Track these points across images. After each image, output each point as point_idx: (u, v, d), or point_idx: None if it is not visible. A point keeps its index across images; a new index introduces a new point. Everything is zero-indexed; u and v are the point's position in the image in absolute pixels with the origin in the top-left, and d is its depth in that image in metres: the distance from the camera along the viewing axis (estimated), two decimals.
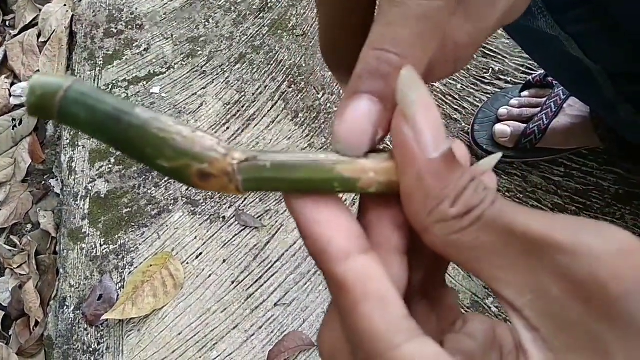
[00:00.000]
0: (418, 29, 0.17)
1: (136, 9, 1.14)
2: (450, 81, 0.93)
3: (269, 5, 1.09)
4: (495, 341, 0.20)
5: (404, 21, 0.17)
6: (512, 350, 0.20)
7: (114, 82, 1.06)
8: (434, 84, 0.93)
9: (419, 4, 0.17)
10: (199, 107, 1.00)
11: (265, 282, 0.83)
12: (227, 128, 0.97)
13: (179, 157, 0.16)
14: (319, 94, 0.97)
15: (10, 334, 0.92)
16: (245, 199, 0.90)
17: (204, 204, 0.91)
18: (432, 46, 0.17)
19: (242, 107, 0.98)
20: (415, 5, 0.17)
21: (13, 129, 1.09)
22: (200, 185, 0.17)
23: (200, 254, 0.87)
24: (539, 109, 0.80)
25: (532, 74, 0.88)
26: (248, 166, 0.17)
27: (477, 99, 0.90)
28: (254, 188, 0.17)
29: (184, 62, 1.05)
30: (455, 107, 0.91)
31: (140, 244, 0.89)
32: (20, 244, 0.99)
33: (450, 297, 0.21)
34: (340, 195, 0.18)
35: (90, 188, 0.95)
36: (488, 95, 0.89)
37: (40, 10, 1.21)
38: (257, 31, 1.06)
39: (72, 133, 1.02)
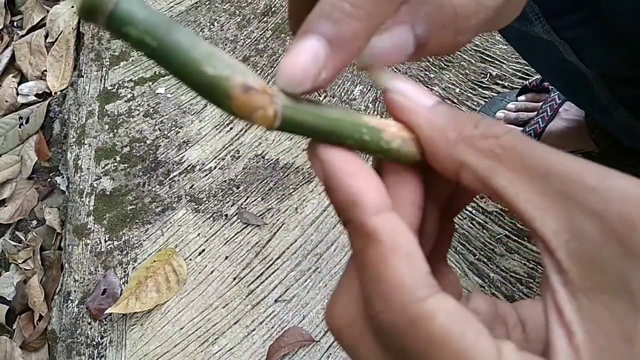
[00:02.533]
0: None
1: None
2: (449, 85, 0.95)
3: (272, 10, 1.11)
4: (498, 317, 0.21)
5: None
6: (517, 324, 0.21)
7: (120, 82, 1.08)
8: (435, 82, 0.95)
9: None
10: (203, 107, 1.02)
11: (266, 279, 0.85)
12: (231, 129, 0.99)
13: (225, 68, 0.16)
14: (320, 95, 0.99)
15: (14, 327, 0.94)
16: (247, 197, 0.92)
17: (207, 201, 0.92)
18: (386, 6, 0.18)
19: None
20: None
21: (20, 127, 1.11)
22: (238, 101, 0.16)
23: (203, 250, 0.88)
24: (535, 113, 0.82)
25: (528, 79, 0.90)
26: (286, 96, 0.17)
27: (475, 103, 0.92)
28: (289, 121, 0.17)
29: None
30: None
31: (144, 240, 0.91)
32: (26, 239, 1.00)
33: (453, 274, 0.22)
34: None
35: (95, 185, 0.97)
36: (486, 99, 0.91)
37: (48, 11, 1.23)
38: (260, 34, 1.09)
39: (78, 131, 1.04)
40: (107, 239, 0.92)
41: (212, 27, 1.12)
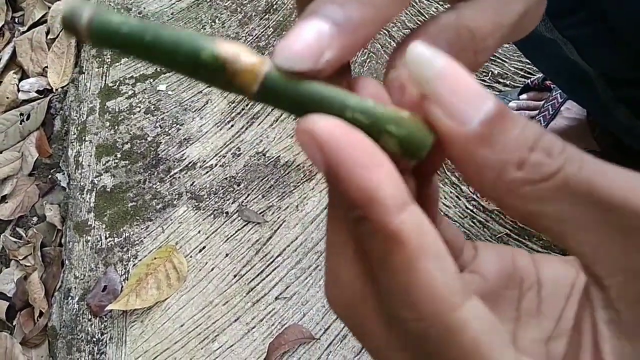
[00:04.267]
0: None
1: (144, 8, 1.16)
2: None
3: (274, 7, 1.11)
4: (513, 276, 0.20)
5: None
6: (534, 285, 0.20)
7: (121, 79, 1.08)
8: None
9: None
10: (205, 104, 1.02)
11: (266, 276, 0.85)
12: (232, 125, 0.99)
13: (209, 39, 0.16)
14: None
15: (14, 324, 0.94)
16: (248, 195, 0.91)
17: (207, 199, 0.92)
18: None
19: (247, 105, 1.00)
20: None
21: (21, 123, 1.11)
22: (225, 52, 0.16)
23: (204, 247, 0.88)
24: (536, 111, 0.82)
25: (530, 77, 0.90)
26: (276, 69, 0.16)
27: None
28: (266, 100, 0.17)
29: None
30: None
31: (144, 237, 0.91)
32: (26, 236, 1.00)
33: (453, 229, 0.21)
34: None
35: (96, 182, 0.97)
36: None
37: (49, 7, 1.23)
38: (262, 32, 1.09)
39: (79, 128, 1.04)
40: (107, 235, 0.92)
41: (213, 24, 1.11)
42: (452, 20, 0.19)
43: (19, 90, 1.16)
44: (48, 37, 1.20)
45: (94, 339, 0.85)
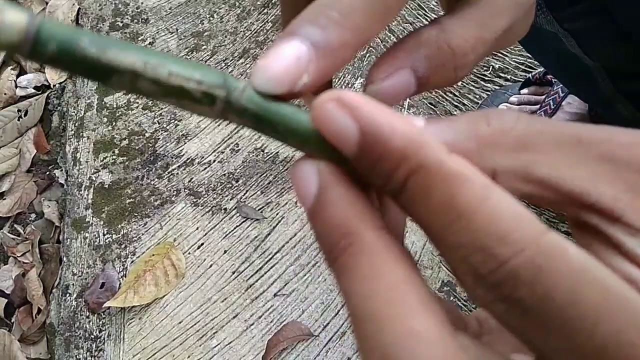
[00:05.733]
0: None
1: (142, 3, 1.15)
2: None
3: (272, 1, 1.10)
4: None
5: None
6: None
7: None
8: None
9: None
10: None
11: (265, 273, 0.84)
12: (229, 122, 0.98)
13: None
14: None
15: (12, 321, 0.93)
16: (246, 191, 0.91)
17: (206, 195, 0.92)
18: (373, 21, 0.17)
19: None
20: None
21: (18, 119, 1.10)
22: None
23: (202, 244, 0.88)
24: (538, 106, 0.81)
25: (531, 72, 0.89)
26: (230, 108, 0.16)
27: (477, 96, 0.91)
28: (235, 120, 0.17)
29: (188, 56, 1.06)
30: (456, 103, 0.92)
31: (142, 234, 0.90)
32: (24, 232, 1.00)
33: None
34: None
35: (94, 178, 0.97)
36: (488, 93, 0.90)
37: (47, 3, 1.22)
38: (261, 27, 1.08)
39: (77, 124, 1.03)
40: (105, 232, 0.91)
41: (211, 18, 1.11)
42: (434, 36, 0.19)
43: (16, 87, 1.15)
44: None
45: (92, 336, 0.84)
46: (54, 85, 1.13)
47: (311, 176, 0.16)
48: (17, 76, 1.17)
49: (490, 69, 0.93)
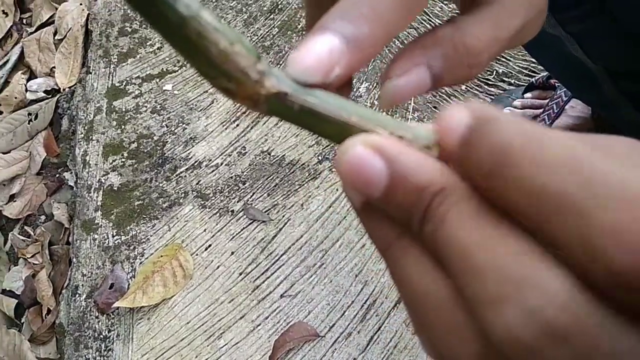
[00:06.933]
0: None
1: None
2: None
3: (279, 7, 1.12)
4: None
5: None
6: None
7: (127, 79, 1.09)
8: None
9: None
10: (210, 104, 1.03)
11: (272, 274, 0.85)
12: (237, 125, 1.00)
13: (210, 68, 0.16)
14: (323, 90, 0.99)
15: (22, 321, 0.95)
16: (253, 194, 0.92)
17: (213, 197, 0.93)
18: (401, 17, 0.18)
19: None
20: None
21: (29, 123, 1.12)
22: (227, 97, 0.17)
23: (209, 245, 0.89)
24: (541, 110, 0.82)
25: (534, 76, 0.90)
26: (276, 101, 0.17)
27: (481, 100, 0.92)
28: (279, 117, 0.17)
29: None
30: None
31: (151, 236, 0.91)
32: (34, 234, 1.01)
33: None
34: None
35: (103, 181, 0.98)
36: (492, 97, 0.92)
37: (56, 8, 1.24)
38: (267, 32, 1.09)
39: (86, 127, 1.05)
40: (114, 234, 0.93)
41: None
42: (450, 34, 0.20)
43: (27, 91, 1.17)
44: (55, 37, 1.21)
45: (101, 336, 0.85)
46: (64, 89, 1.15)
47: (372, 157, 0.15)
48: (28, 80, 1.19)
49: (494, 73, 0.94)
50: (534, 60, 0.87)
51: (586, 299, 0.12)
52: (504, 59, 0.95)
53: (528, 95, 0.86)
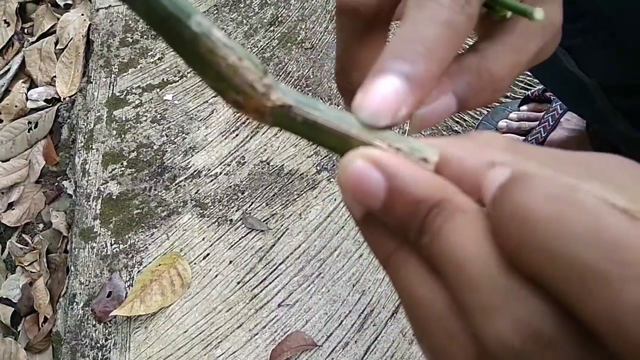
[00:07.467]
0: (443, 31, 0.18)
1: None
2: None
3: (279, 19, 1.13)
4: None
5: (431, 23, 0.18)
6: None
7: (128, 88, 1.10)
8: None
9: (444, 11, 0.19)
10: (210, 114, 1.04)
11: (269, 284, 0.85)
12: (237, 135, 1.00)
13: (219, 81, 0.17)
14: (325, 104, 1.00)
15: (19, 329, 0.94)
16: (252, 203, 0.93)
17: (212, 206, 0.94)
18: (451, 51, 0.19)
19: None
20: (441, 12, 0.18)
21: (29, 131, 1.12)
22: (235, 110, 0.18)
23: (208, 254, 0.89)
24: (537, 122, 0.83)
25: (530, 89, 0.91)
26: (281, 113, 0.17)
27: (478, 112, 0.94)
28: (283, 129, 0.18)
29: None
30: (457, 119, 0.95)
31: (149, 244, 0.92)
32: (32, 242, 1.02)
33: None
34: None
35: (102, 189, 0.98)
36: (488, 109, 0.93)
37: (58, 18, 1.25)
38: (267, 43, 1.11)
39: (86, 136, 1.05)
40: (112, 242, 0.93)
41: None
42: (475, 63, 0.21)
43: (27, 99, 1.18)
44: (57, 47, 1.22)
45: (98, 345, 0.85)
46: (64, 99, 1.16)
47: (372, 171, 0.16)
48: (28, 89, 1.19)
49: None
50: (529, 73, 0.89)
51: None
52: None
53: (524, 107, 0.87)
